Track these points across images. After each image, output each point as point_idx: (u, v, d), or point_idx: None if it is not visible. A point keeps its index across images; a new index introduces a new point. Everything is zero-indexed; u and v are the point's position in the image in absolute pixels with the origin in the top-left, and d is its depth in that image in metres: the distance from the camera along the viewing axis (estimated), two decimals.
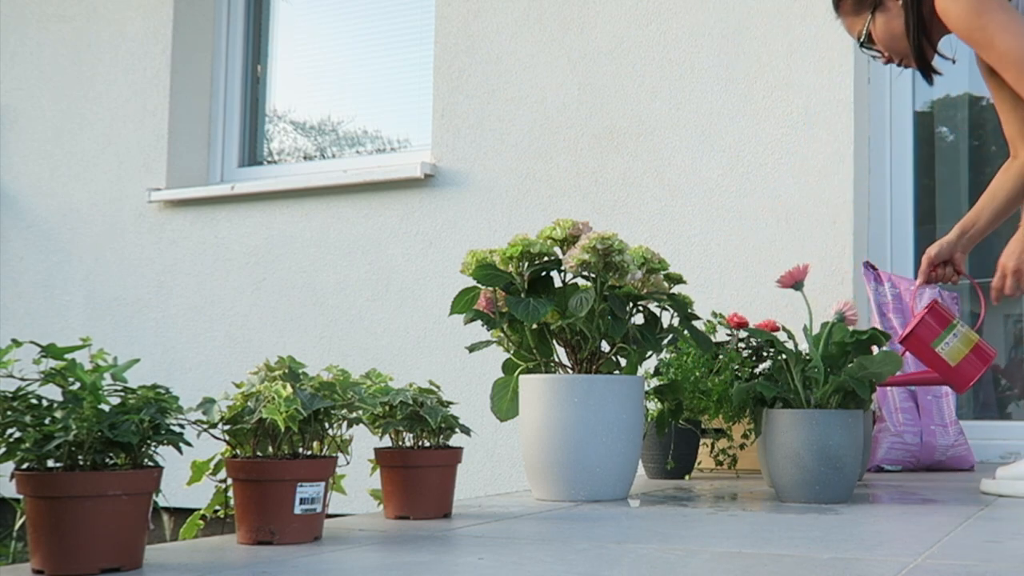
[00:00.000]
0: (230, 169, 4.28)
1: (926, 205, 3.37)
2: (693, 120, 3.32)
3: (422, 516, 1.69)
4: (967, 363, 2.10)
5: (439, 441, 1.75)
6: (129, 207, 4.22)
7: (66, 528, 1.15)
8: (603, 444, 1.97)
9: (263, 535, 1.39)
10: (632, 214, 3.36)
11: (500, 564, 1.27)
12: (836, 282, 3.09)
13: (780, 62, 3.22)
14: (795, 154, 3.18)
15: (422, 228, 3.69)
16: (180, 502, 2.21)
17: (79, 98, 4.36)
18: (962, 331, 2.12)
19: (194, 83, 4.26)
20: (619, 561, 1.29)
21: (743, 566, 1.26)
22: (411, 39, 4.06)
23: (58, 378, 1.21)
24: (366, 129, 4.21)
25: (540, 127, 3.52)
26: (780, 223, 3.18)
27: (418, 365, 3.62)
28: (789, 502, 1.99)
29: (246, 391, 1.44)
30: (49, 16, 4.46)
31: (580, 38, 3.49)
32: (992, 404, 3.40)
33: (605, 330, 2.00)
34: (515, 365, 2.12)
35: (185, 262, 4.10)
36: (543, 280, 2.03)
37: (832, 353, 2.03)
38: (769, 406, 2.04)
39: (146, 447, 1.25)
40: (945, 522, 1.69)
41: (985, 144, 3.44)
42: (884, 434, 2.86)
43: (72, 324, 4.27)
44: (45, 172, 4.41)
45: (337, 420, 1.51)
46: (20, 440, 1.19)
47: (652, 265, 2.07)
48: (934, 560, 1.30)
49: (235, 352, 3.96)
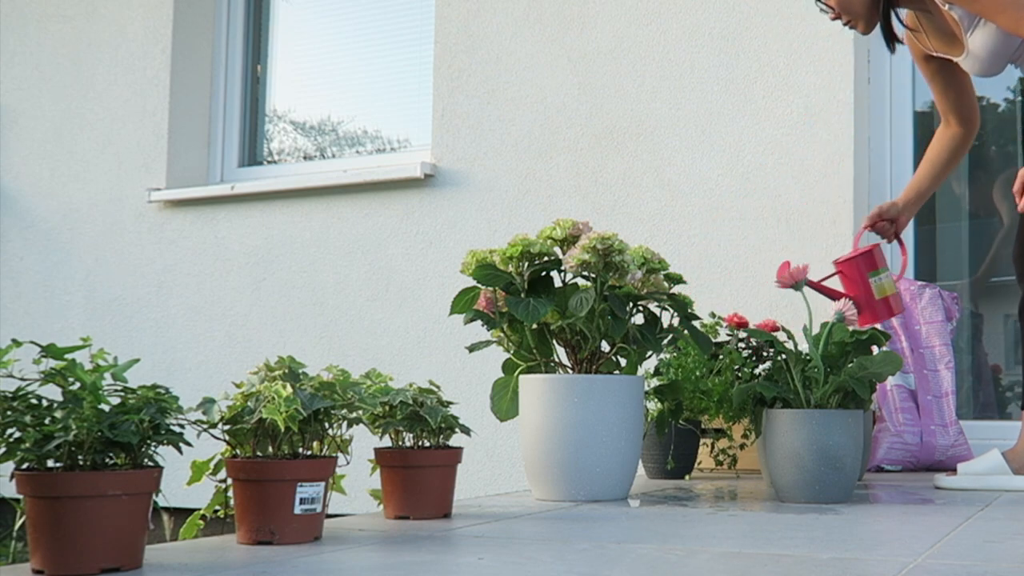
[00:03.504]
0: (230, 169, 4.28)
1: (926, 205, 3.36)
2: (693, 120, 3.32)
3: (422, 516, 1.69)
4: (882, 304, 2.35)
5: (439, 441, 1.75)
6: (129, 207, 4.22)
7: (66, 528, 1.15)
8: (603, 444, 1.97)
9: (263, 535, 1.39)
10: (632, 214, 3.36)
11: (500, 564, 1.27)
12: (836, 282, 3.09)
13: (780, 62, 3.22)
14: (795, 154, 3.18)
15: (422, 228, 3.69)
16: (180, 502, 2.21)
17: (79, 98, 4.36)
18: (887, 277, 2.37)
19: (194, 83, 4.26)
20: (619, 561, 1.29)
21: (743, 566, 1.26)
22: (411, 39, 4.06)
23: (58, 378, 1.21)
24: (366, 129, 4.21)
25: (540, 127, 3.52)
26: (780, 223, 3.18)
27: (418, 365, 3.62)
28: (789, 502, 1.99)
29: (246, 391, 1.44)
30: (49, 16, 4.46)
31: (580, 38, 3.49)
32: (992, 404, 3.40)
33: (605, 330, 2.00)
34: (515, 365, 2.12)
35: (185, 262, 4.10)
36: (543, 280, 2.03)
37: (832, 353, 2.03)
38: (769, 406, 2.05)
39: (146, 447, 1.25)
40: (945, 522, 1.69)
41: (985, 144, 3.44)
42: (884, 434, 2.86)
43: (72, 324, 4.27)
44: (45, 172, 4.41)
45: (337, 420, 1.51)
46: (20, 440, 1.18)
47: (652, 265, 2.07)
48: (934, 560, 1.30)
49: (235, 352, 3.96)
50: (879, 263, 2.37)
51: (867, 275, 2.35)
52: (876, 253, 2.37)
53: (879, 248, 2.41)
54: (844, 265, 2.37)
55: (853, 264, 2.35)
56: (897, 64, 3.28)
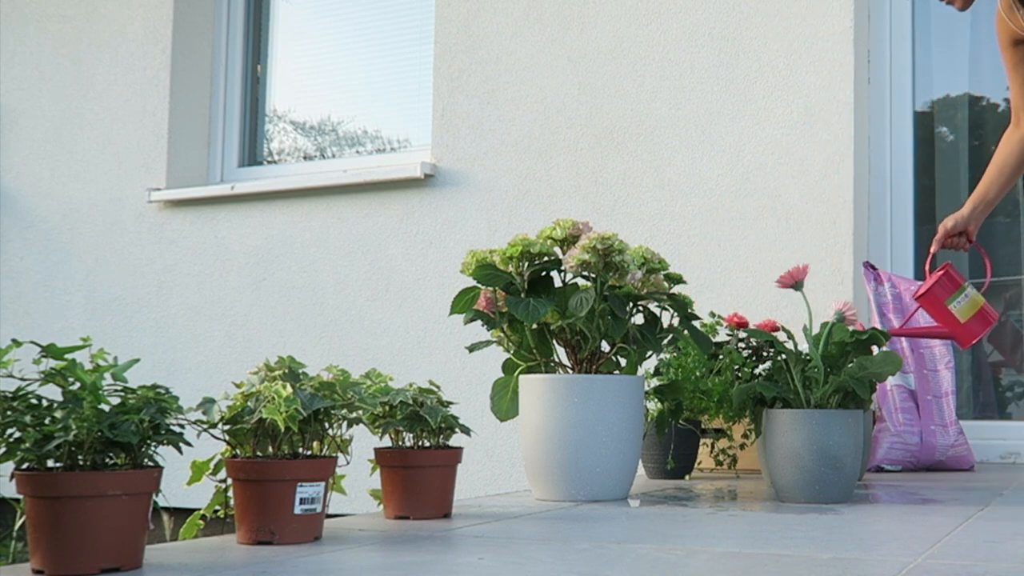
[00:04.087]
0: (230, 169, 4.28)
1: (926, 205, 3.37)
2: (693, 120, 3.32)
3: (422, 516, 1.69)
4: (974, 322, 2.32)
5: (439, 441, 1.75)
6: (129, 207, 4.22)
7: (66, 528, 1.15)
8: (603, 444, 1.97)
9: (263, 535, 1.39)
10: (632, 214, 3.36)
11: (500, 564, 1.27)
12: (836, 282, 3.09)
13: (780, 62, 3.22)
14: (795, 154, 3.18)
15: (422, 228, 3.69)
16: (180, 502, 2.21)
17: (79, 98, 4.36)
18: (971, 293, 2.33)
19: (194, 83, 4.26)
20: (619, 561, 1.29)
21: (743, 566, 1.26)
22: (411, 39, 4.06)
23: (58, 378, 1.21)
24: (366, 129, 4.21)
25: (540, 127, 3.52)
26: (780, 223, 3.18)
27: (418, 365, 3.62)
28: (789, 502, 1.99)
29: (246, 391, 1.44)
30: (49, 16, 4.46)
31: (580, 38, 3.49)
32: (992, 404, 3.40)
33: (605, 330, 2.00)
34: (515, 365, 2.12)
35: (185, 262, 4.10)
36: (543, 280, 2.03)
37: (832, 353, 2.03)
38: (769, 406, 2.05)
39: (146, 447, 1.24)
40: (945, 522, 1.69)
41: (985, 144, 3.44)
42: (884, 434, 2.86)
43: (72, 324, 4.27)
44: (45, 172, 4.41)
45: (337, 420, 1.51)
46: (20, 440, 1.18)
47: (652, 265, 2.07)
48: (934, 560, 1.30)
49: (235, 352, 3.96)
50: (955, 284, 2.33)
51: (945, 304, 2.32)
52: (948, 276, 2.33)
53: (951, 267, 2.37)
54: (923, 300, 2.35)
55: (930, 296, 2.33)
56: (897, 64, 3.29)
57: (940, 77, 3.50)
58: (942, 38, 3.44)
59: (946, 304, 2.33)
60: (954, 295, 2.32)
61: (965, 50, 3.48)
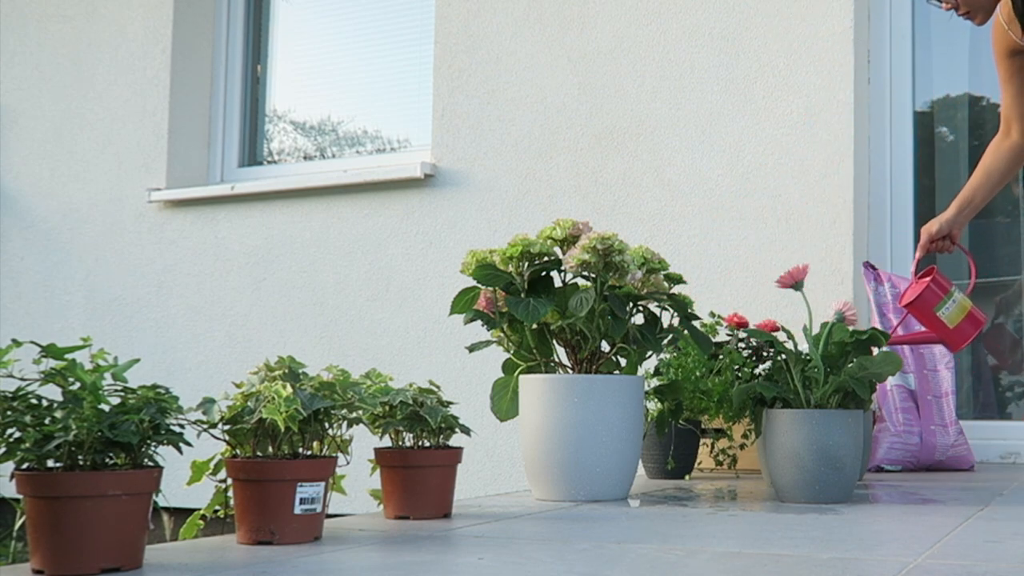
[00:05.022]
0: (230, 169, 4.28)
1: (926, 205, 3.37)
2: (693, 120, 3.32)
3: (422, 516, 1.69)
4: (963, 326, 2.33)
5: (439, 441, 1.75)
6: (129, 207, 4.22)
7: (66, 528, 1.15)
8: (603, 444, 1.97)
9: (263, 535, 1.39)
10: (632, 214, 3.36)
11: (500, 564, 1.27)
12: (836, 282, 3.09)
13: (780, 62, 3.22)
14: (795, 154, 3.18)
15: (422, 228, 3.69)
16: (180, 502, 2.21)
17: (79, 98, 4.36)
18: (959, 298, 2.33)
19: (194, 83, 4.26)
20: (619, 561, 1.29)
21: (743, 566, 1.26)
22: (411, 39, 4.05)
23: (58, 378, 1.21)
24: (366, 129, 4.21)
25: (540, 127, 3.52)
26: (780, 223, 3.18)
27: (418, 365, 3.62)
28: (789, 502, 1.99)
29: (246, 391, 1.44)
30: (49, 16, 4.46)
31: (580, 38, 3.49)
32: (992, 404, 3.40)
33: (605, 330, 2.00)
34: (515, 365, 2.12)
35: (185, 262, 4.10)
36: (543, 280, 2.03)
37: (832, 353, 2.03)
38: (769, 406, 2.05)
39: (146, 447, 1.25)
40: (945, 522, 1.69)
41: (985, 144, 3.42)
42: (884, 434, 2.86)
43: (72, 324, 4.27)
44: (45, 172, 4.40)
45: (337, 420, 1.51)
46: (20, 440, 1.18)
47: (652, 265, 2.07)
48: (934, 560, 1.30)
49: (235, 352, 3.96)
50: (943, 290, 2.34)
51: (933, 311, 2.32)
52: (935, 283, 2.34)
53: (937, 273, 2.37)
54: (912, 308, 2.37)
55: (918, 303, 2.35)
56: (897, 64, 3.29)
57: (940, 77, 3.49)
58: (942, 38, 3.44)
59: (935, 311, 2.34)
60: (942, 301, 2.32)
61: (965, 50, 3.48)
